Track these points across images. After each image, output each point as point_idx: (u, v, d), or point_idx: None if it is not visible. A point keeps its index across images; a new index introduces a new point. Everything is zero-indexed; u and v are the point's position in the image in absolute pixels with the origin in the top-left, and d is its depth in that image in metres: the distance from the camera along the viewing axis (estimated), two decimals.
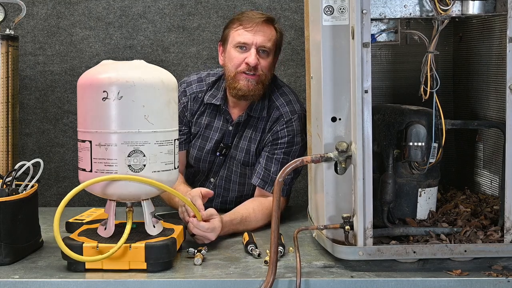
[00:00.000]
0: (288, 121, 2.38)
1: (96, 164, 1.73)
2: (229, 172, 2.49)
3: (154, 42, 3.47)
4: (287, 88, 2.50)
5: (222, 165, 2.51)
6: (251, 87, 2.34)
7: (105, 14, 3.46)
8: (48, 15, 3.46)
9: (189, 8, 3.47)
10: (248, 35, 2.34)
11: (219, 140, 2.48)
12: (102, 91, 1.71)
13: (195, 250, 1.84)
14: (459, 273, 1.68)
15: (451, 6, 1.71)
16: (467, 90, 2.16)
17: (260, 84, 2.35)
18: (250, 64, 2.32)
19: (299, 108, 2.41)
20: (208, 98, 2.47)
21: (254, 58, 2.32)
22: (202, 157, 2.50)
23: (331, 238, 1.80)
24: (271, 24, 2.41)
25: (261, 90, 2.37)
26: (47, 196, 3.48)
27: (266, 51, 2.36)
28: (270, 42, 2.36)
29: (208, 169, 2.53)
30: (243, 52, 2.35)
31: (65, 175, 3.50)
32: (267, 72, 2.36)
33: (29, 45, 3.46)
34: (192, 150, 2.51)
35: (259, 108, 2.42)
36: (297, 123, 2.38)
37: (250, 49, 2.33)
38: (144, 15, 3.46)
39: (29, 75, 3.47)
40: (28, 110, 3.47)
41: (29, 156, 3.32)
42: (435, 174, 1.92)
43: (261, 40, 2.34)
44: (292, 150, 2.37)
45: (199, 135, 2.50)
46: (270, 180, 2.33)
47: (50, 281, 1.67)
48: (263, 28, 2.36)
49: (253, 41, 2.33)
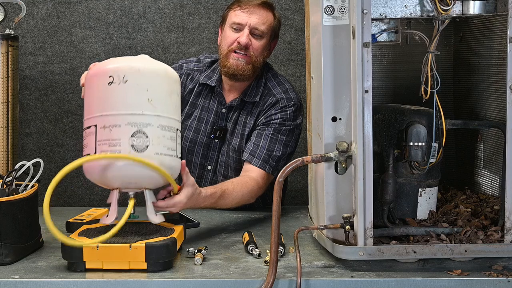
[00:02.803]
0: (283, 107, 2.44)
1: (100, 146, 1.74)
2: (228, 158, 2.52)
3: (154, 42, 3.47)
4: (283, 78, 2.57)
5: (219, 151, 2.52)
6: (240, 66, 2.41)
7: (105, 14, 3.46)
8: (48, 15, 3.45)
9: (189, 8, 3.47)
10: (243, 15, 2.42)
11: (214, 123, 2.51)
12: (108, 76, 1.76)
13: (195, 250, 1.84)
14: (460, 273, 1.68)
15: (451, 6, 1.71)
16: (468, 90, 2.16)
17: (250, 65, 2.42)
18: (241, 43, 2.40)
19: (295, 97, 2.47)
20: (204, 78, 2.54)
21: (245, 38, 2.39)
22: (198, 139, 2.52)
23: (331, 238, 1.80)
24: (269, 9, 2.46)
25: (250, 71, 2.43)
26: None
27: (259, 33, 2.40)
28: (264, 25, 2.43)
29: (204, 154, 2.54)
30: (237, 32, 2.42)
31: None
32: (258, 54, 2.43)
33: (29, 45, 3.46)
34: (187, 132, 2.53)
35: (253, 94, 2.47)
36: (292, 110, 2.43)
37: (244, 29, 2.38)
38: (144, 15, 3.46)
39: (29, 75, 3.47)
40: (28, 110, 3.47)
41: (29, 156, 3.32)
42: (436, 174, 1.92)
43: (255, 21, 2.41)
44: (283, 129, 2.41)
45: (195, 116, 2.53)
46: (257, 154, 2.37)
47: (50, 281, 1.67)
48: (260, 11, 2.43)
49: (247, 21, 2.41)
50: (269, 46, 2.50)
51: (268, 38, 2.46)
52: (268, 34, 2.46)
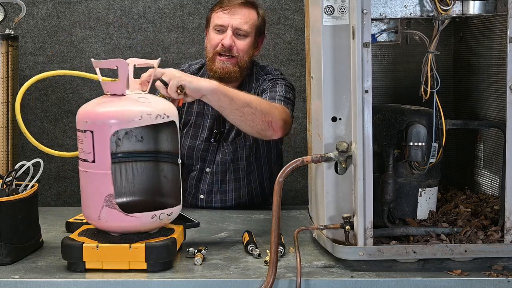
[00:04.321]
0: (271, 79, 2.46)
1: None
2: (224, 155, 2.51)
3: (154, 42, 3.47)
4: (271, 67, 2.58)
5: (217, 152, 2.52)
6: (225, 69, 2.43)
7: (105, 14, 3.46)
8: (48, 15, 3.46)
9: (189, 8, 3.47)
10: (225, 17, 2.42)
11: (212, 127, 2.51)
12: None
13: (195, 250, 1.84)
14: (459, 273, 1.68)
15: (451, 6, 1.71)
16: (468, 90, 2.16)
17: (236, 67, 2.43)
18: (224, 45, 2.40)
19: (284, 77, 2.49)
20: None
21: (228, 39, 2.40)
22: (196, 145, 2.52)
23: (331, 238, 1.80)
24: (252, 7, 2.45)
25: (237, 72, 2.44)
26: (47, 196, 3.48)
27: (242, 33, 2.40)
28: (247, 24, 2.42)
29: (203, 158, 2.54)
30: (220, 34, 2.41)
31: (65, 175, 3.50)
32: (243, 54, 2.44)
33: (29, 45, 3.46)
34: (184, 140, 2.53)
35: (246, 90, 2.46)
36: (282, 83, 2.43)
37: (226, 31, 2.38)
38: (144, 15, 3.46)
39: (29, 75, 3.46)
40: (28, 110, 3.47)
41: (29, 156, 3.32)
42: (436, 174, 1.92)
43: (238, 22, 2.41)
44: (278, 82, 2.43)
45: (192, 123, 2.52)
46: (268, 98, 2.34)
47: (50, 281, 1.67)
48: (241, 10, 2.43)
49: (229, 23, 2.41)
50: (255, 44, 2.49)
51: (253, 36, 2.45)
52: (253, 32, 2.45)
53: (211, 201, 2.60)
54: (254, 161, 2.58)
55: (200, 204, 2.60)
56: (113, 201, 1.71)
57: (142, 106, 1.74)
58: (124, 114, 1.71)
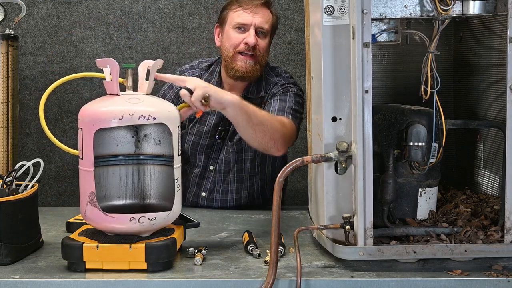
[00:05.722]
0: (282, 84, 2.47)
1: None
2: (228, 154, 2.51)
3: (154, 42, 3.47)
4: (280, 69, 2.60)
5: (221, 150, 2.52)
6: (248, 68, 2.43)
7: (105, 14, 3.46)
8: (48, 15, 3.46)
9: (189, 8, 3.47)
10: (247, 16, 2.42)
11: (217, 124, 2.51)
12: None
13: (195, 250, 1.84)
14: (460, 273, 1.68)
15: (451, 6, 1.71)
16: (468, 90, 2.16)
17: (258, 65, 2.44)
18: (249, 44, 2.40)
19: (295, 82, 2.50)
20: None
21: (253, 38, 2.40)
22: (200, 141, 2.52)
23: (331, 238, 1.80)
24: (268, 7, 2.47)
25: (258, 71, 2.44)
26: (47, 196, 3.48)
27: (264, 32, 2.44)
28: (267, 24, 2.44)
29: (207, 156, 2.54)
30: (242, 33, 2.43)
31: (65, 175, 3.50)
32: (264, 53, 2.46)
33: (29, 45, 3.46)
34: (189, 136, 2.53)
35: (255, 90, 2.48)
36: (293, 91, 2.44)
37: (249, 30, 2.39)
38: (144, 15, 3.46)
39: (29, 75, 3.47)
40: (28, 110, 3.47)
41: (29, 156, 3.32)
42: (436, 174, 1.92)
43: (260, 21, 2.42)
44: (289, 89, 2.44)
45: (196, 120, 2.53)
46: (271, 111, 2.35)
47: (50, 281, 1.67)
48: (262, 10, 2.44)
49: (252, 21, 2.41)
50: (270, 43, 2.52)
51: (269, 35, 2.47)
52: (270, 32, 2.47)
53: (212, 199, 2.60)
54: (259, 164, 2.58)
55: (201, 202, 2.61)
56: (95, 199, 1.73)
57: (126, 106, 1.74)
58: (105, 113, 1.73)
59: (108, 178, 1.87)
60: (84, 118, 1.75)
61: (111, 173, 1.87)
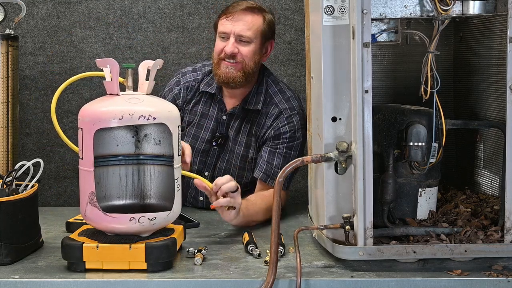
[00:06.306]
0: (288, 117, 2.44)
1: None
2: (228, 165, 2.51)
3: (154, 42, 3.47)
4: (284, 85, 2.56)
5: (218, 157, 2.52)
6: (229, 74, 2.42)
7: (105, 14, 3.46)
8: (48, 15, 3.45)
9: (189, 8, 3.47)
10: (227, 24, 2.43)
11: (214, 129, 2.51)
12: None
13: (195, 250, 1.84)
14: (460, 273, 1.68)
15: (451, 6, 1.71)
16: (468, 90, 2.16)
17: (241, 72, 2.42)
18: (226, 52, 2.40)
19: (297, 105, 2.47)
20: (204, 86, 2.54)
21: (230, 47, 2.40)
22: (196, 145, 2.51)
23: (331, 238, 1.80)
24: (256, 12, 2.44)
25: (241, 77, 2.43)
26: (47, 196, 3.48)
27: (246, 39, 2.40)
28: (250, 30, 2.41)
29: (202, 161, 2.53)
30: (225, 41, 2.43)
31: (65, 175, 3.50)
32: (248, 60, 2.43)
33: (29, 45, 3.45)
34: (186, 139, 2.53)
35: (254, 101, 2.46)
36: (297, 119, 2.44)
37: (229, 38, 2.39)
38: (144, 15, 3.46)
39: (29, 75, 3.46)
40: (28, 110, 3.47)
41: (29, 156, 3.32)
42: (436, 174, 1.92)
43: (239, 28, 2.40)
44: (294, 144, 2.42)
45: (194, 123, 2.53)
46: (273, 173, 2.37)
47: (50, 281, 1.67)
48: (245, 16, 2.42)
49: (231, 30, 2.41)
50: (262, 49, 2.46)
51: (258, 42, 2.43)
52: (258, 38, 2.43)
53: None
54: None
55: (199, 205, 2.60)
56: (95, 199, 1.73)
57: (126, 106, 1.75)
58: (105, 113, 1.73)
59: (108, 178, 1.87)
60: (84, 118, 1.75)
61: (111, 173, 1.87)
